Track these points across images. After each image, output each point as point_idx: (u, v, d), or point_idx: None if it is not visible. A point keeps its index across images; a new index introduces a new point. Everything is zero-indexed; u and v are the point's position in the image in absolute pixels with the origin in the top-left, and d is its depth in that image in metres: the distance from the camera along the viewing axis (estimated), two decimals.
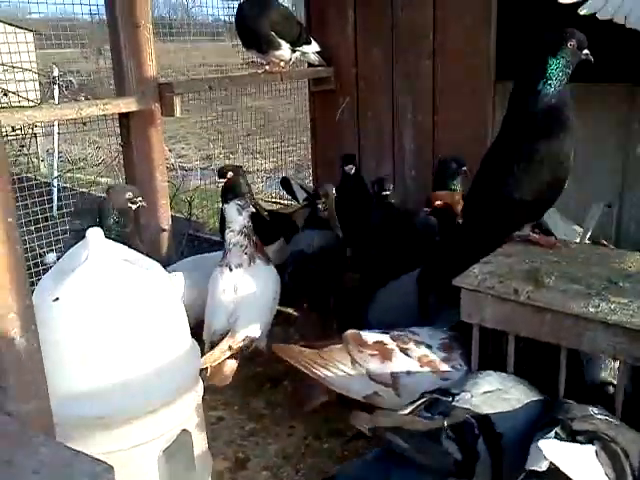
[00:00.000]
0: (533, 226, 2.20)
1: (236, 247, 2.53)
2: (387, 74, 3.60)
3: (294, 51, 3.40)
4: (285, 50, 3.32)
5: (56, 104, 5.04)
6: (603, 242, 2.41)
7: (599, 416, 1.51)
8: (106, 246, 1.77)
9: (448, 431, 1.50)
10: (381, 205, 3.08)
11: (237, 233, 2.53)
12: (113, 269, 1.72)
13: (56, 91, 5.87)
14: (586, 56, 2.03)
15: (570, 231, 2.62)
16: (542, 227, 2.34)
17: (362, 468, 1.57)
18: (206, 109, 5.17)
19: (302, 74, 3.94)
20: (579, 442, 1.36)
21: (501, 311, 1.86)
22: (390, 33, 3.52)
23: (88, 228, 1.79)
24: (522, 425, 1.59)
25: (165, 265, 2.29)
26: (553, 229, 2.53)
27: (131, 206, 2.57)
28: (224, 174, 3.08)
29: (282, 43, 3.28)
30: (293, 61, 3.50)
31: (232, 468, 2.14)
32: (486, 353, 1.96)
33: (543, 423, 1.48)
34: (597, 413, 1.53)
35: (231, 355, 2.34)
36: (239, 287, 2.49)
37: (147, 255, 1.93)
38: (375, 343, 2.08)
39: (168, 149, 6.66)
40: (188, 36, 5.38)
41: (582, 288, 1.79)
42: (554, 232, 2.47)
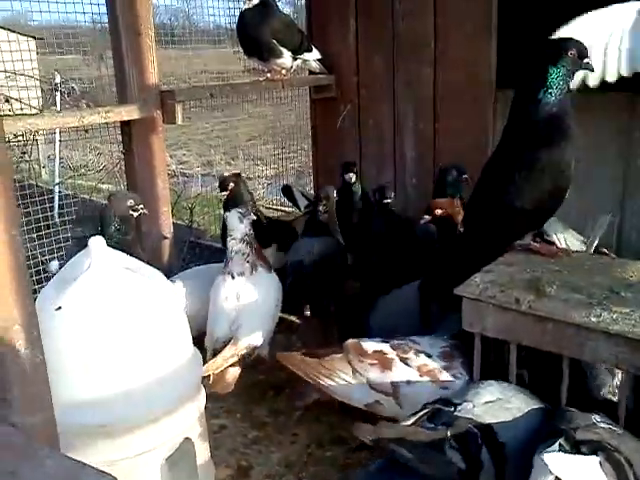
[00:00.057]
0: (534, 235, 2.20)
1: (238, 255, 2.54)
2: (388, 82, 3.62)
3: (295, 59, 3.41)
4: (286, 58, 3.33)
5: (58, 111, 5.05)
6: (604, 251, 2.41)
7: (602, 425, 1.50)
8: (108, 255, 1.78)
9: (451, 441, 1.51)
10: (382, 213, 3.09)
11: (239, 241, 2.54)
12: (115, 278, 1.72)
13: (58, 97, 5.89)
14: (586, 65, 2.05)
15: (571, 239, 2.62)
16: (543, 236, 2.34)
17: (366, 479, 1.57)
18: (207, 116, 5.17)
19: (303, 82, 3.95)
20: (583, 453, 1.36)
21: (503, 320, 1.86)
22: (391, 41, 3.54)
23: (90, 236, 1.79)
24: (524, 434, 1.59)
25: (167, 273, 2.29)
26: (554, 237, 2.53)
27: (132, 214, 2.58)
28: (225, 186, 3.08)
29: (283, 51, 3.29)
30: (294, 69, 3.51)
31: (235, 476, 2.13)
32: (488, 362, 1.96)
33: (546, 433, 1.47)
34: (600, 421, 1.52)
35: (233, 363, 2.35)
36: (241, 295, 2.49)
37: (148, 263, 1.94)
38: (375, 352, 2.09)
39: (169, 155, 6.66)
40: (190, 44, 5.39)
41: (584, 297, 1.79)
42: (555, 240, 2.48)
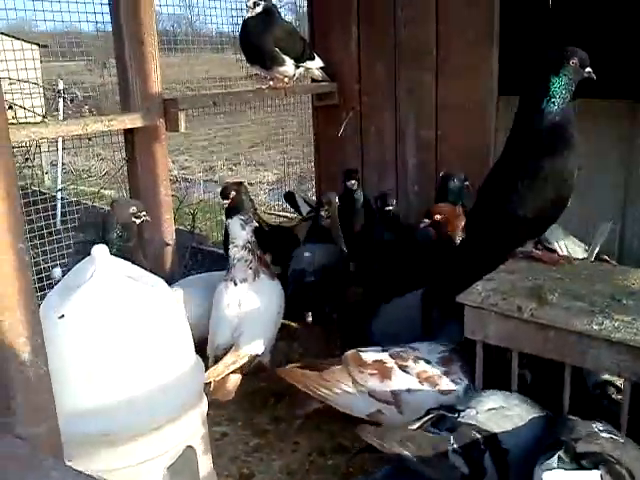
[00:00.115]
0: (535, 242, 2.21)
1: (240, 262, 2.54)
2: (390, 89, 3.63)
3: (298, 67, 3.42)
4: (289, 66, 3.35)
5: (62, 120, 5.07)
6: (606, 258, 2.41)
7: (604, 434, 1.50)
8: (112, 263, 1.78)
9: (455, 446, 1.52)
10: (384, 220, 3.10)
11: (241, 248, 2.54)
12: (118, 286, 1.72)
13: (61, 104, 5.91)
14: (588, 74, 2.05)
15: (573, 247, 2.62)
16: (544, 243, 2.35)
17: None
18: (210, 122, 5.18)
19: (306, 89, 3.96)
20: (584, 466, 1.35)
21: (505, 328, 1.86)
22: (393, 49, 3.56)
23: (92, 242, 1.80)
24: (526, 442, 1.59)
25: (169, 280, 2.29)
26: (555, 245, 2.54)
27: (135, 220, 2.58)
28: (227, 195, 3.07)
29: (286, 59, 3.31)
30: (297, 77, 3.52)
31: None
32: (490, 370, 1.96)
33: (547, 445, 1.47)
34: (602, 430, 1.51)
35: (235, 370, 2.35)
36: (243, 302, 2.50)
37: (151, 271, 1.94)
38: (374, 362, 2.09)
39: (171, 161, 6.68)
40: (193, 52, 5.41)
41: (585, 305, 1.80)
42: (556, 248, 2.48)
